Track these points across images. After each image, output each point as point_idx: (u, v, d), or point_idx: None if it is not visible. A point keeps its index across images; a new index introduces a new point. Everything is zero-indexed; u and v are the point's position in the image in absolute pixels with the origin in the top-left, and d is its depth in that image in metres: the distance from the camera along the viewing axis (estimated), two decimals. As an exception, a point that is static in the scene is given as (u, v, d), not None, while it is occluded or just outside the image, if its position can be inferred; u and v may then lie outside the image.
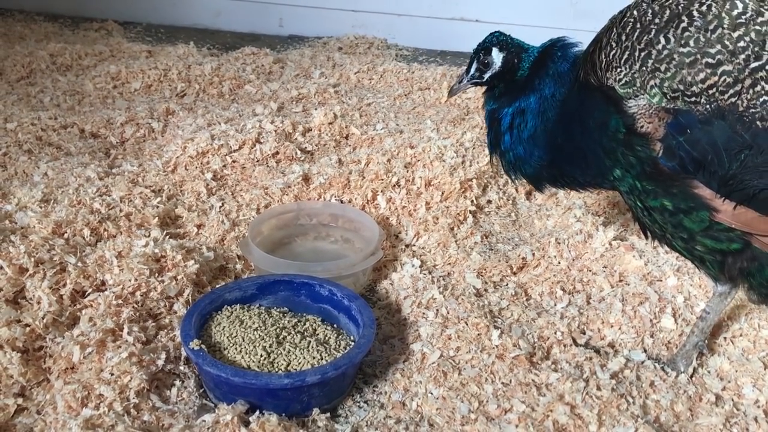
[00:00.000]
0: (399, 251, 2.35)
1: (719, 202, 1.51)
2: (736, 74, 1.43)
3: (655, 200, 1.61)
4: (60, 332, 1.81)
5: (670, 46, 1.49)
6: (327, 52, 4.63)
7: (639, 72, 1.52)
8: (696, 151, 1.48)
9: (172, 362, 1.79)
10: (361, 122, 3.28)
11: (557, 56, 1.85)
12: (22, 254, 1.92)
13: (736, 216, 1.50)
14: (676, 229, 1.62)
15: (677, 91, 1.48)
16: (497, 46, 1.92)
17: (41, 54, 3.98)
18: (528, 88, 1.87)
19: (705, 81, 1.45)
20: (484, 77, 1.96)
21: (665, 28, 1.51)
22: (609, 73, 1.58)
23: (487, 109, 1.99)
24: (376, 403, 1.76)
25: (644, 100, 1.53)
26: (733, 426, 1.70)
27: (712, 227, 1.56)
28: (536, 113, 1.85)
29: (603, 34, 1.65)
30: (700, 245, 1.61)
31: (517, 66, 1.91)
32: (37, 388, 1.70)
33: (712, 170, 1.48)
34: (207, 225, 2.38)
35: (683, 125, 1.48)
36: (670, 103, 1.49)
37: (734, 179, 1.46)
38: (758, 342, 1.97)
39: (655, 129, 1.52)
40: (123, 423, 1.53)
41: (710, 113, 1.45)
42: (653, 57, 1.51)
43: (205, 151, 2.80)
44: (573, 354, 1.88)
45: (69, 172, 2.58)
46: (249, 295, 1.95)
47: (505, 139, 1.92)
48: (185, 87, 3.73)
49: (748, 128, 1.43)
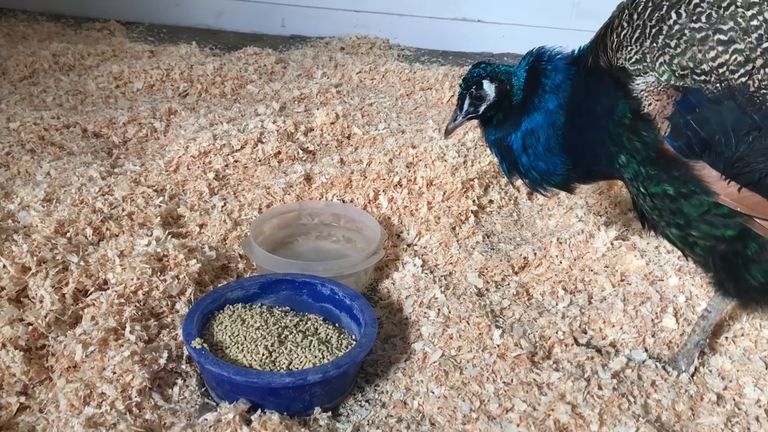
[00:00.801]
0: (401, 251, 2.35)
1: (724, 185, 1.48)
2: (748, 53, 1.41)
3: (658, 186, 1.59)
4: (62, 331, 1.81)
5: (682, 21, 1.47)
6: (329, 52, 4.64)
7: (649, 48, 1.50)
8: (704, 131, 1.46)
9: (174, 361, 1.79)
10: (363, 122, 3.28)
11: (548, 70, 1.84)
12: (24, 253, 1.93)
13: (741, 199, 1.48)
14: (673, 215, 1.60)
15: (686, 68, 1.46)
16: (487, 78, 1.91)
17: (44, 54, 4.00)
18: (530, 109, 1.86)
19: (716, 59, 1.43)
20: (479, 111, 1.94)
21: (677, 3, 1.49)
22: (619, 53, 1.57)
23: (490, 140, 1.97)
24: (378, 402, 1.76)
25: (653, 77, 1.51)
26: (734, 425, 1.70)
27: (710, 211, 1.54)
28: (546, 126, 1.84)
29: (615, 17, 1.64)
30: (695, 230, 1.60)
31: (511, 92, 1.90)
32: (39, 387, 1.70)
33: (718, 151, 1.45)
34: (209, 224, 2.38)
35: (692, 104, 1.46)
36: (679, 80, 1.47)
37: (741, 161, 1.44)
38: (760, 342, 1.97)
39: (663, 107, 1.50)
40: (125, 421, 1.54)
41: (720, 92, 1.43)
42: (664, 33, 1.49)
43: (207, 150, 2.80)
44: (574, 353, 1.88)
45: (71, 172, 2.59)
46: (251, 294, 1.95)
47: (522, 161, 1.90)
48: (187, 87, 3.74)
49: (758, 109, 1.41)
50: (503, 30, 4.95)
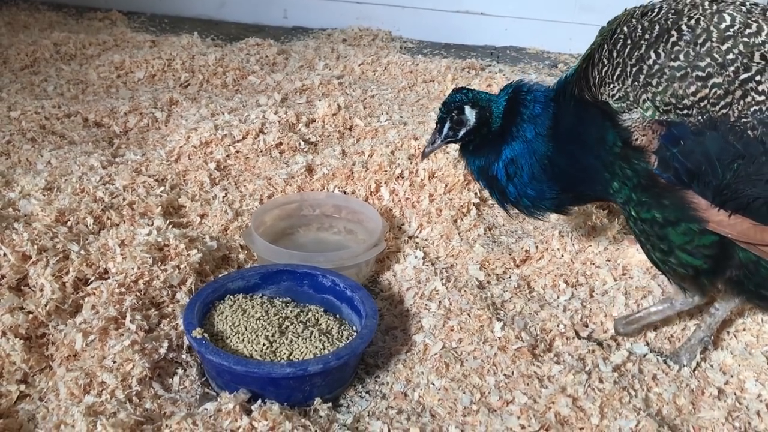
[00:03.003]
0: (402, 243, 2.35)
1: (714, 212, 1.52)
2: (727, 86, 1.44)
3: (648, 212, 1.63)
4: (63, 320, 1.81)
5: (661, 61, 1.50)
6: (331, 43, 4.62)
7: (631, 87, 1.54)
8: (690, 162, 1.49)
9: (174, 351, 1.79)
10: (364, 114, 3.27)
11: (528, 100, 1.86)
12: (25, 241, 1.92)
13: (732, 226, 1.51)
14: (660, 240, 1.65)
15: (669, 104, 1.49)
16: (469, 103, 1.92)
17: (45, 43, 3.99)
18: (508, 137, 1.89)
19: (696, 93, 1.47)
20: (458, 135, 1.96)
21: (655, 43, 1.52)
22: (602, 89, 1.60)
23: (474, 168, 1.99)
24: (378, 394, 1.75)
25: (638, 114, 1.54)
26: (735, 420, 1.69)
27: (692, 241, 1.59)
28: (526, 155, 1.87)
29: (595, 51, 1.66)
30: (675, 258, 1.65)
31: (490, 118, 1.92)
32: (39, 375, 1.70)
33: (706, 180, 1.49)
34: (210, 215, 2.38)
35: (676, 137, 1.50)
36: (663, 115, 1.51)
37: (728, 189, 1.47)
38: (761, 336, 1.96)
39: (650, 141, 1.54)
40: (125, 410, 1.53)
41: (702, 124, 1.47)
42: (644, 72, 1.52)
43: (208, 141, 2.80)
44: (575, 346, 1.88)
45: (72, 161, 2.58)
46: (252, 284, 1.95)
47: (509, 190, 1.93)
48: (189, 77, 3.73)
49: (740, 138, 1.44)
50: (506, 23, 4.93)
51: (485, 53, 4.76)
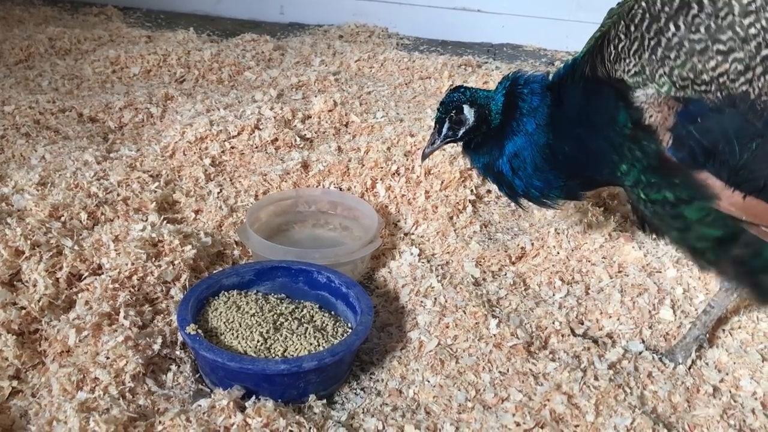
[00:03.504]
0: (398, 239, 2.34)
1: (729, 193, 1.48)
2: (748, 61, 1.41)
3: (658, 193, 1.60)
4: (56, 315, 1.80)
5: (681, 34, 1.46)
6: (327, 40, 4.61)
7: (648, 61, 1.50)
8: (706, 140, 1.45)
9: (168, 347, 1.78)
10: (361, 110, 3.26)
11: (525, 93, 1.85)
12: (18, 236, 1.91)
13: (746, 208, 1.48)
14: (674, 219, 1.61)
15: (687, 79, 1.46)
16: (467, 102, 1.91)
17: (40, 38, 3.97)
18: (509, 132, 1.88)
19: (716, 68, 1.43)
20: (458, 134, 1.95)
21: (675, 15, 1.48)
22: (617, 65, 1.56)
23: (479, 165, 1.99)
24: (373, 391, 1.75)
25: (652, 89, 1.50)
26: (730, 417, 1.69)
27: (709, 215, 1.55)
28: (528, 147, 1.86)
29: (610, 27, 1.63)
30: (694, 233, 1.61)
31: (489, 116, 1.91)
32: (32, 371, 1.69)
33: (722, 160, 1.45)
34: (205, 210, 2.37)
35: (693, 114, 1.46)
36: (679, 91, 1.47)
37: (745, 169, 1.44)
38: (756, 334, 1.96)
39: (665, 118, 1.50)
40: (118, 406, 1.52)
41: (721, 101, 1.43)
42: (663, 45, 1.48)
43: (203, 136, 2.78)
44: (571, 344, 1.87)
45: (66, 156, 2.57)
46: (246, 281, 1.94)
47: (516, 183, 1.92)
48: (184, 73, 3.72)
49: (759, 116, 1.40)
50: (503, 20, 4.93)
51: (482, 50, 4.75)
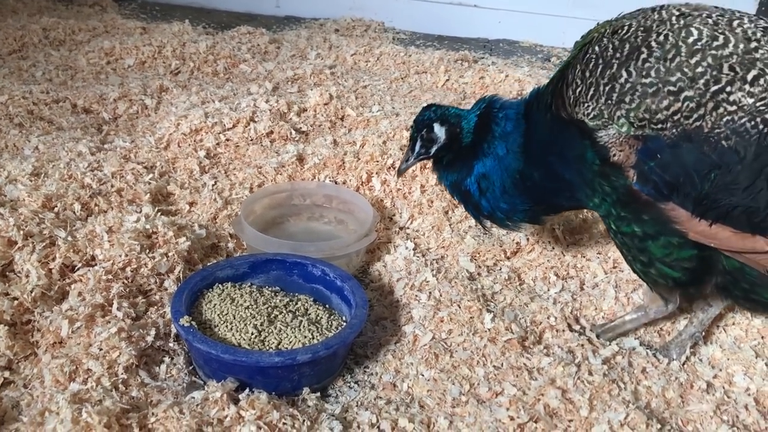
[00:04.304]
0: (393, 233, 2.34)
1: (695, 222, 1.52)
2: (698, 99, 1.45)
3: (628, 226, 1.65)
4: (48, 306, 1.79)
5: (633, 79, 1.51)
6: (323, 33, 4.59)
7: (605, 105, 1.55)
8: (668, 174, 1.51)
9: (161, 339, 1.77)
10: (356, 104, 3.25)
11: (499, 118, 1.88)
12: (11, 227, 1.90)
13: (713, 235, 1.52)
14: (640, 253, 1.67)
15: (643, 119, 1.51)
16: (438, 121, 1.94)
17: (34, 28, 3.94)
18: (479, 153, 1.91)
19: (669, 108, 1.48)
20: (430, 152, 1.98)
21: (626, 61, 1.53)
22: (577, 108, 1.61)
23: (447, 183, 2.02)
24: (367, 384, 1.74)
25: (613, 130, 1.55)
26: (723, 413, 1.69)
27: (672, 254, 1.61)
28: (498, 170, 1.89)
29: (568, 69, 1.67)
30: (655, 270, 1.67)
31: (461, 134, 1.93)
32: (24, 362, 1.68)
33: (685, 192, 1.50)
34: (199, 203, 2.36)
35: (653, 150, 1.51)
36: (638, 130, 1.52)
37: (708, 198, 1.48)
38: (750, 331, 1.97)
39: (627, 157, 1.55)
40: (111, 398, 1.51)
41: (677, 137, 1.48)
42: (617, 90, 1.53)
43: (198, 128, 2.77)
44: (565, 339, 1.87)
45: (60, 147, 2.55)
46: (241, 273, 1.93)
47: (483, 204, 1.95)
48: (179, 64, 3.70)
49: (714, 148, 1.45)
50: (499, 16, 4.92)
51: (478, 46, 4.75)
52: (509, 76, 3.71)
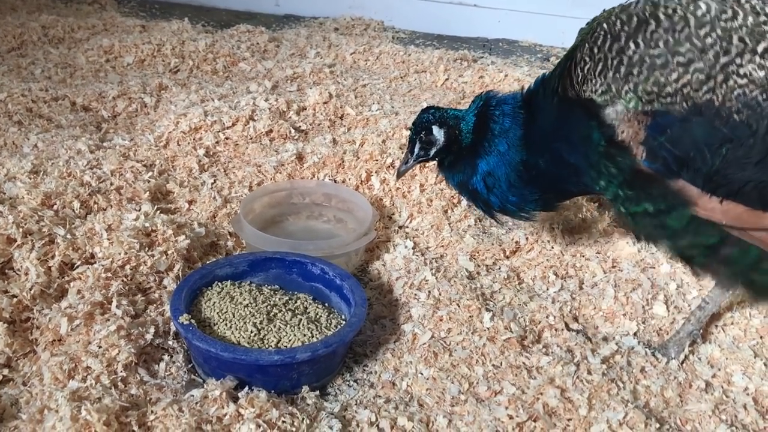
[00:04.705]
0: (392, 232, 2.34)
1: (706, 199, 1.51)
2: (708, 71, 1.44)
3: (638, 206, 1.62)
4: (48, 304, 1.79)
5: (641, 50, 1.50)
6: (323, 32, 4.58)
7: (613, 79, 1.54)
8: (678, 150, 1.48)
9: (160, 337, 1.77)
10: (356, 103, 3.25)
11: (496, 115, 1.89)
12: (10, 224, 1.89)
13: (725, 212, 1.50)
14: (661, 230, 1.63)
15: (652, 93, 1.49)
16: (436, 123, 1.95)
17: (33, 25, 3.94)
18: (481, 152, 1.91)
19: (678, 80, 1.46)
20: (429, 154, 1.99)
21: (634, 33, 1.52)
22: (585, 86, 1.60)
23: (454, 183, 2.02)
24: (366, 383, 1.75)
25: (621, 106, 1.54)
26: (721, 413, 1.70)
27: (693, 222, 1.57)
28: (502, 166, 1.89)
29: (576, 49, 1.67)
30: (683, 241, 1.63)
31: (459, 136, 1.94)
32: (23, 360, 1.68)
33: (695, 167, 1.48)
34: (199, 201, 2.36)
35: (662, 125, 1.49)
36: (646, 105, 1.50)
37: (718, 174, 1.46)
38: (749, 330, 1.97)
39: (636, 133, 1.53)
40: (110, 396, 1.51)
41: (687, 111, 1.46)
42: (625, 63, 1.52)
43: (197, 127, 2.77)
44: (564, 338, 1.88)
45: (59, 145, 2.55)
46: (240, 271, 1.93)
47: (492, 200, 1.95)
48: (179, 63, 3.69)
49: (726, 122, 1.43)
50: (499, 15, 4.91)
51: (478, 45, 4.74)
52: (508, 75, 3.71)
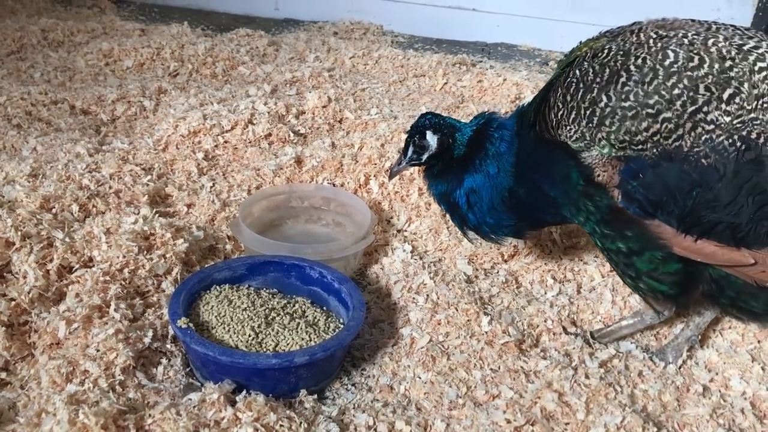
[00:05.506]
0: (390, 236, 2.34)
1: (680, 238, 1.56)
2: (676, 120, 1.49)
3: (613, 243, 1.68)
4: (46, 307, 1.79)
5: (613, 103, 1.55)
6: (322, 36, 4.60)
7: (587, 128, 1.58)
8: (651, 193, 1.54)
9: (159, 340, 1.77)
10: (355, 107, 3.25)
11: (495, 137, 1.90)
12: (8, 228, 1.89)
13: (698, 250, 1.55)
14: (627, 267, 1.70)
15: (624, 141, 1.54)
16: (431, 129, 1.96)
17: (32, 29, 3.95)
18: (471, 168, 1.93)
19: (648, 129, 1.51)
20: (422, 159, 2.00)
21: (606, 86, 1.56)
22: (560, 130, 1.65)
23: (436, 192, 2.03)
24: (364, 386, 1.75)
25: (596, 152, 1.59)
26: (719, 417, 1.70)
27: (657, 269, 1.64)
28: (488, 187, 1.91)
29: (550, 94, 1.70)
30: (643, 284, 1.70)
31: (452, 145, 1.95)
32: (21, 363, 1.68)
33: (669, 209, 1.54)
34: (197, 204, 2.36)
35: (635, 170, 1.55)
36: (619, 151, 1.55)
37: (691, 216, 1.52)
38: (746, 335, 1.97)
39: (611, 177, 1.59)
40: (108, 399, 1.51)
41: (658, 157, 1.51)
42: (598, 114, 1.56)
43: (196, 130, 2.77)
44: (562, 342, 1.88)
45: (58, 148, 2.55)
46: (238, 275, 1.93)
47: (469, 217, 1.97)
48: (178, 66, 3.70)
49: (695, 167, 1.48)
50: (498, 19, 4.93)
51: (476, 49, 4.76)
52: (507, 79, 3.72)
